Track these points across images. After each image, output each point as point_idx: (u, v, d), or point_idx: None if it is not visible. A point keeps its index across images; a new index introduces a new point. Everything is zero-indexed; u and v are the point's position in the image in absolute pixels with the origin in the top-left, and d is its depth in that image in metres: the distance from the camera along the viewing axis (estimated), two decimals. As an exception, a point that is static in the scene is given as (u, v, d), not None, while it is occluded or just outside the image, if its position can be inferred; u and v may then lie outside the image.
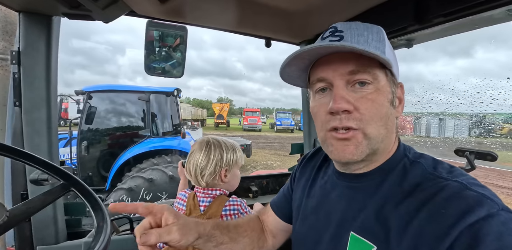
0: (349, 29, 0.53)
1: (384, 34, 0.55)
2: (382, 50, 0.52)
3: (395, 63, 0.55)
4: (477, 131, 6.46)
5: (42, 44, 0.99)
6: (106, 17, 0.99)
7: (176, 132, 4.35)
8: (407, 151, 0.56)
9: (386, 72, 0.52)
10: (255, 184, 1.64)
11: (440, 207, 0.42)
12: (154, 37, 1.37)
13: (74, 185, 0.58)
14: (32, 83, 0.99)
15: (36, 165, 0.57)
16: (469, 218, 0.38)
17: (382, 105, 0.51)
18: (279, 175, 1.72)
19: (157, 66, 1.46)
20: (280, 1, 1.09)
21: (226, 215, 0.96)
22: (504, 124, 6.28)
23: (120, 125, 4.20)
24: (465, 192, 0.42)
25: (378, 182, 0.53)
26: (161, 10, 1.07)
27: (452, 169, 0.50)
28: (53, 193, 0.56)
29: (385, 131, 0.52)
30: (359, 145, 0.50)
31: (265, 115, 60.28)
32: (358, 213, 0.53)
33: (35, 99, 1.00)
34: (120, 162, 3.82)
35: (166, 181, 3.02)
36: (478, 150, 1.03)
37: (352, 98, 0.50)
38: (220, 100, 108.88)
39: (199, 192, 0.98)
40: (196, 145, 0.99)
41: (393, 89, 0.54)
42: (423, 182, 0.47)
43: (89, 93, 3.93)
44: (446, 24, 0.98)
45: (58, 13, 0.97)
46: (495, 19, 0.92)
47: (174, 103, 4.40)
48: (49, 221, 1.07)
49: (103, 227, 0.51)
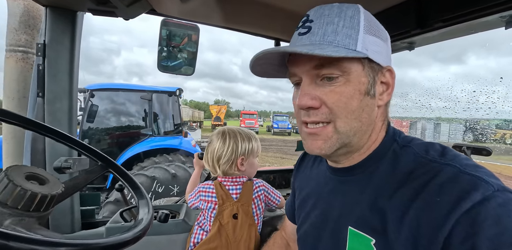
0: (320, 17, 0.49)
1: (361, 16, 0.49)
2: (355, 37, 0.47)
3: (381, 46, 0.50)
4: (471, 136, 6.59)
5: (66, 38, 1.04)
6: (129, 14, 1.05)
7: (178, 131, 4.39)
8: (396, 136, 0.54)
9: (362, 61, 0.48)
10: (262, 178, 1.69)
11: (435, 195, 0.40)
12: (167, 36, 1.43)
13: (111, 166, 0.63)
14: (55, 76, 1.04)
15: (78, 147, 0.62)
16: (465, 204, 0.37)
17: (351, 98, 0.48)
18: (285, 170, 1.78)
19: (169, 64, 1.52)
20: (291, 4, 1.17)
21: (256, 197, 1.03)
22: (498, 129, 6.42)
23: (122, 123, 4.23)
24: (459, 175, 0.41)
25: (369, 173, 0.52)
26: (180, 10, 1.14)
27: (445, 150, 0.47)
28: (94, 172, 0.61)
29: (359, 124, 0.49)
30: (328, 140, 0.50)
31: (262, 118, 60.38)
32: (353, 207, 0.52)
33: (58, 91, 1.05)
34: (121, 160, 3.84)
35: (169, 179, 3.05)
36: (474, 145, 1.11)
37: (319, 92, 0.49)
38: (218, 103, 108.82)
39: (227, 181, 1.02)
40: (214, 135, 1.05)
41: (370, 78, 0.50)
42: (416, 168, 0.46)
43: (92, 91, 3.95)
44: (445, 29, 1.06)
45: (84, 9, 1.02)
46: (489, 24, 1.00)
47: (176, 103, 4.44)
48: (67, 210, 1.11)
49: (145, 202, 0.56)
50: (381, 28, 0.53)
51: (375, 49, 0.49)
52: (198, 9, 1.15)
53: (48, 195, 0.44)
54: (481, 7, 0.84)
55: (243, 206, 1.00)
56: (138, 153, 3.87)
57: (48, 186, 0.47)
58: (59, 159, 0.99)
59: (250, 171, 1.07)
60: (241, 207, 0.99)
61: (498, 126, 6.32)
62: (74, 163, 0.95)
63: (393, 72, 0.52)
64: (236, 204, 0.99)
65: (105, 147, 4.15)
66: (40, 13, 1.24)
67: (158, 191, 2.91)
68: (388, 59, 0.53)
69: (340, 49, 0.46)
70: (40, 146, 1.08)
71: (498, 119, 5.91)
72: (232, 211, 0.98)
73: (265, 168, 1.79)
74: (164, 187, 2.98)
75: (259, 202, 1.04)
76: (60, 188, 0.47)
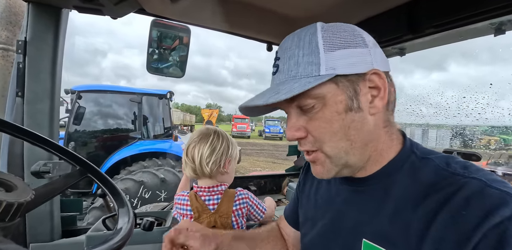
0: (284, 52, 0.51)
1: (318, 36, 0.48)
2: (316, 61, 0.46)
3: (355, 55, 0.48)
4: (458, 142, 6.76)
5: (49, 36, 1.00)
6: (116, 13, 1.02)
7: (168, 135, 4.31)
8: (414, 147, 0.52)
9: (333, 80, 0.47)
10: (253, 183, 1.66)
11: (461, 208, 0.39)
12: (157, 37, 1.40)
13: (91, 171, 0.59)
14: (36, 75, 0.99)
15: (54, 151, 0.58)
16: (493, 219, 0.36)
17: (330, 121, 0.48)
18: (276, 176, 1.75)
19: (159, 65, 1.48)
20: (283, 8, 1.16)
21: (237, 209, 0.95)
22: (484, 136, 6.61)
23: (110, 126, 4.12)
24: (486, 190, 0.39)
25: (386, 184, 0.50)
26: (170, 10, 1.11)
27: (467, 164, 0.46)
28: (72, 176, 0.56)
29: (347, 143, 0.48)
30: (324, 165, 0.51)
31: (254, 123, 60.40)
32: (370, 218, 0.50)
33: (38, 91, 1.00)
34: (109, 164, 3.72)
35: (157, 183, 2.96)
36: (464, 151, 1.11)
37: (303, 122, 0.50)
38: (210, 106, 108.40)
39: (203, 191, 0.95)
40: (201, 133, 0.97)
41: (350, 92, 0.48)
42: (438, 180, 0.44)
43: (79, 92, 3.85)
44: (435, 35, 1.07)
45: (69, 6, 0.98)
46: (479, 31, 1.02)
47: (166, 106, 4.37)
48: (45, 217, 1.04)
49: (126, 210, 0.52)
50: (353, 36, 0.49)
51: (345, 61, 0.47)
52: (189, 10, 1.13)
53: (14, 203, 0.40)
54: (471, 14, 0.85)
55: (221, 217, 0.92)
56: (126, 156, 3.76)
57: (15, 193, 0.42)
58: (38, 162, 0.93)
59: (230, 176, 1.02)
60: (219, 219, 0.92)
61: (484, 132, 6.51)
62: (54, 167, 0.89)
63: (381, 74, 0.49)
64: (214, 215, 0.92)
65: (92, 150, 4.02)
66: (23, 10, 1.19)
67: (145, 196, 2.82)
68: (375, 60, 0.49)
69: (302, 81, 0.46)
70: (17, 149, 1.02)
71: (483, 126, 6.09)
72: (210, 224, 0.91)
73: (256, 173, 1.76)
74: (151, 192, 2.88)
75: (240, 215, 0.96)
76: (29, 195, 0.43)
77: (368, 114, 0.49)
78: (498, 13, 0.82)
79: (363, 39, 0.50)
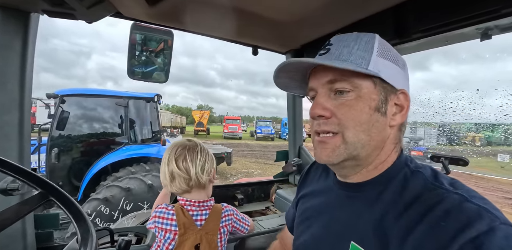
0: (338, 42, 0.56)
1: (376, 42, 0.54)
2: (368, 58, 0.52)
3: (395, 71, 0.55)
4: (445, 139, 6.92)
5: (17, 43, 0.93)
6: (90, 17, 0.96)
7: (156, 139, 4.20)
8: (408, 161, 0.56)
9: (374, 80, 0.52)
10: (240, 191, 1.61)
11: (440, 220, 0.41)
12: (138, 40, 1.34)
13: (53, 193, 0.53)
14: (4, 84, 0.92)
15: (9, 171, 0.52)
16: (470, 232, 0.38)
17: (361, 111, 0.51)
18: (264, 182, 1.71)
19: (140, 70, 1.42)
20: (268, 12, 1.12)
21: (223, 226, 0.93)
22: (468, 133, 6.78)
23: (95, 131, 3.97)
24: (465, 204, 0.42)
25: (378, 192, 0.53)
26: (149, 13, 1.06)
27: (453, 180, 0.49)
28: (29, 202, 0.50)
29: (368, 137, 0.52)
30: (336, 149, 0.53)
31: (246, 123, 60.36)
32: (359, 222, 0.52)
33: (5, 102, 0.92)
34: (94, 170, 3.59)
35: (145, 190, 2.87)
36: (452, 156, 1.10)
37: (331, 105, 0.53)
38: (201, 108, 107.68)
39: (192, 206, 0.90)
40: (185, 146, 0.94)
41: (382, 97, 0.53)
42: (424, 192, 0.47)
43: (62, 97, 3.70)
44: (422, 40, 1.06)
45: (38, 10, 0.92)
46: (465, 36, 1.01)
47: (154, 110, 4.26)
48: (17, 235, 0.97)
49: (88, 239, 0.47)
50: (398, 56, 0.57)
51: (388, 71, 0.53)
52: (170, 14, 1.08)
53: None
54: (458, 19, 0.84)
55: (207, 234, 0.88)
56: (113, 162, 3.64)
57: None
58: (4, 179, 0.87)
59: (211, 188, 0.99)
60: (205, 236, 0.87)
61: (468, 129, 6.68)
62: (22, 184, 0.83)
63: (408, 96, 0.56)
64: (200, 232, 0.87)
65: (77, 156, 3.88)
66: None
67: (126, 209, 2.73)
68: (405, 84, 0.57)
69: (352, 65, 0.50)
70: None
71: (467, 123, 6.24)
72: (195, 241, 0.85)
73: (243, 180, 1.71)
74: (133, 204, 2.78)
75: (225, 232, 0.94)
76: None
77: (388, 124, 0.54)
78: (485, 18, 0.81)
79: (403, 62, 0.58)
